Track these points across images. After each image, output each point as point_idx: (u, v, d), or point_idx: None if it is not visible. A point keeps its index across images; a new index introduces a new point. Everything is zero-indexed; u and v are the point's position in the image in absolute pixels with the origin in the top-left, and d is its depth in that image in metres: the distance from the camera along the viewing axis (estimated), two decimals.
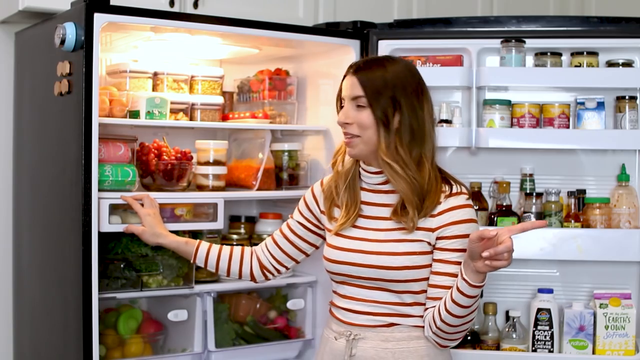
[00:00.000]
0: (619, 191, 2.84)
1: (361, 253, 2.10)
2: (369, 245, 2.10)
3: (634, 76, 2.81)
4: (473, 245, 1.90)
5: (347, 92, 2.10)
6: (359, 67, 2.10)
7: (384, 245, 2.09)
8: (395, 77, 2.07)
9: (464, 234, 2.05)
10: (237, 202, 3.16)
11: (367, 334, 2.10)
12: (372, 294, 2.10)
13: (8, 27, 2.96)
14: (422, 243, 2.07)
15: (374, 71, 2.08)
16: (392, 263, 2.05)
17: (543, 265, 2.95)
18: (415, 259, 2.06)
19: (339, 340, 2.14)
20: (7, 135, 2.98)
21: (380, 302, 2.09)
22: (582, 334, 2.78)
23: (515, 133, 2.85)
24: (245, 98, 3.14)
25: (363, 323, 2.11)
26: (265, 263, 2.36)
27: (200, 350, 2.73)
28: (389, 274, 2.06)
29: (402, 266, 2.05)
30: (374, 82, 2.06)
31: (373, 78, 2.07)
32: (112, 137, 2.62)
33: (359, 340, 2.10)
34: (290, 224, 2.34)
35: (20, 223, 2.91)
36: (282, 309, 3.01)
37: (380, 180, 2.13)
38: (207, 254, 2.38)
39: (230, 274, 2.39)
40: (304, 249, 2.34)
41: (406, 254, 2.06)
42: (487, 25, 2.93)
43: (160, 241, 2.45)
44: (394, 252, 2.06)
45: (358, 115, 2.08)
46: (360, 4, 3.43)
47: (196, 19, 2.64)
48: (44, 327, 2.67)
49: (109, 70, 2.87)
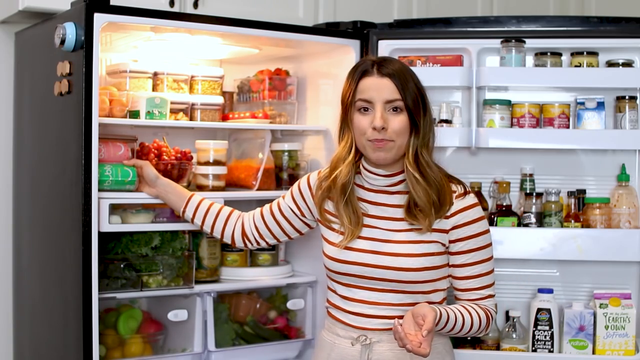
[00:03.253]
0: (619, 191, 2.84)
1: (374, 254, 2.07)
2: (382, 246, 2.07)
3: (634, 76, 2.81)
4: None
5: (379, 95, 2.02)
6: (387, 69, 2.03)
7: (399, 246, 2.06)
8: (418, 81, 2.06)
9: (476, 234, 2.07)
10: (237, 202, 3.14)
11: (382, 337, 2.08)
12: (384, 296, 2.08)
13: (8, 27, 2.96)
14: (437, 244, 2.07)
15: (405, 75, 2.04)
16: (411, 265, 2.04)
17: (543, 265, 2.95)
18: (433, 259, 2.06)
19: (354, 346, 2.11)
20: (7, 135, 2.98)
21: (393, 304, 2.07)
22: (582, 334, 2.77)
23: (515, 133, 2.85)
24: (245, 98, 3.13)
25: (378, 327, 2.08)
26: (247, 231, 2.38)
27: (200, 350, 2.73)
28: (407, 276, 2.04)
29: (421, 267, 2.04)
30: (410, 87, 2.02)
31: (408, 83, 2.02)
32: (112, 137, 2.62)
33: (375, 344, 2.09)
34: (281, 204, 2.33)
35: (20, 223, 2.91)
36: (282, 309, 3.01)
37: (390, 183, 2.11)
38: (197, 205, 2.40)
39: (214, 232, 2.41)
40: (288, 232, 2.34)
41: (424, 255, 2.05)
42: (487, 25, 2.92)
43: (159, 181, 2.47)
44: (411, 253, 2.05)
45: (394, 120, 2.02)
46: (360, 4, 3.43)
47: (196, 19, 2.63)
48: (44, 327, 2.67)
49: (109, 70, 2.86)
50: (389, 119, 2.02)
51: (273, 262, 2.99)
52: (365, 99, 2.04)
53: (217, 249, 2.87)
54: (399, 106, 2.02)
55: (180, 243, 2.72)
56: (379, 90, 2.02)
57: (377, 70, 2.04)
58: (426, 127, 2.06)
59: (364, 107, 2.05)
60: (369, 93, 2.04)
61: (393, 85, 2.02)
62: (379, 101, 2.02)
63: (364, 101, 2.05)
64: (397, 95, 2.01)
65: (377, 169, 2.11)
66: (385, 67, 2.04)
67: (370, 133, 2.04)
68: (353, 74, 2.09)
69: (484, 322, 2.07)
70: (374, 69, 2.05)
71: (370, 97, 2.03)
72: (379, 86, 2.02)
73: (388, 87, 2.02)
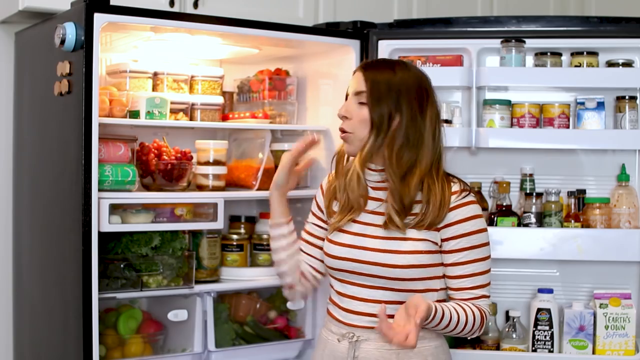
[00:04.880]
0: (619, 191, 2.84)
1: (363, 250, 2.08)
2: (371, 242, 2.08)
3: (634, 76, 2.81)
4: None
5: (352, 87, 2.10)
6: (369, 65, 2.11)
7: (387, 242, 2.06)
8: (401, 82, 2.06)
9: (469, 232, 2.05)
10: (237, 202, 3.15)
11: (370, 335, 2.08)
12: (374, 293, 2.08)
13: (8, 27, 2.96)
14: (427, 242, 2.06)
15: (382, 72, 2.07)
16: (397, 261, 2.04)
17: (543, 265, 2.95)
18: (420, 257, 2.04)
19: (341, 343, 2.12)
20: (7, 135, 2.98)
21: (384, 302, 2.06)
22: (582, 334, 2.77)
23: (515, 133, 2.85)
24: (245, 98, 3.14)
25: (365, 325, 2.08)
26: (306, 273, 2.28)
27: (200, 350, 2.73)
28: (394, 272, 2.04)
29: (408, 264, 2.03)
30: (379, 83, 2.05)
31: (379, 79, 2.06)
32: (112, 137, 2.62)
33: (362, 342, 2.09)
34: (308, 228, 2.28)
35: (20, 223, 2.91)
36: (282, 309, 3.01)
37: (378, 179, 2.12)
38: (293, 230, 2.27)
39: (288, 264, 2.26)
40: None
41: (411, 253, 2.04)
42: (487, 25, 2.93)
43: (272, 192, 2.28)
44: (398, 250, 2.04)
45: (357, 111, 2.07)
46: (360, 4, 3.43)
47: (196, 19, 2.64)
48: (44, 327, 2.67)
49: (109, 70, 2.87)
50: (354, 109, 2.08)
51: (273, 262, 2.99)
52: (347, 93, 2.13)
53: (217, 249, 2.87)
54: (363, 99, 2.07)
55: (180, 243, 2.72)
56: (353, 83, 2.11)
57: (364, 66, 2.11)
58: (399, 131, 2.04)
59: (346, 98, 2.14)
60: (349, 86, 2.12)
61: (363, 79, 2.07)
62: (351, 93, 2.11)
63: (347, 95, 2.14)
64: (363, 88, 2.06)
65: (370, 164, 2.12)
66: (370, 65, 2.12)
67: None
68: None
69: (478, 321, 2.06)
70: (363, 65, 2.12)
71: (348, 90, 2.12)
72: (355, 80, 2.10)
73: (360, 80, 2.08)
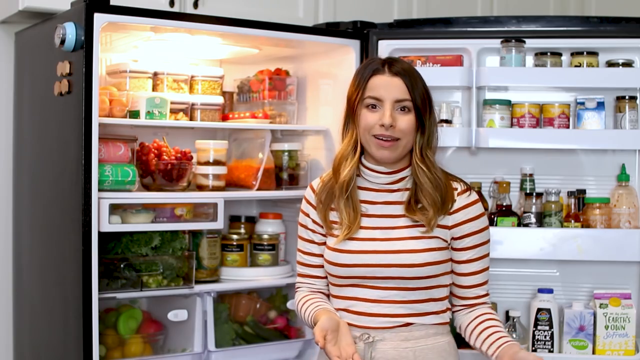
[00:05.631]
0: (619, 191, 2.84)
1: (377, 253, 2.07)
2: (384, 244, 2.08)
3: (634, 76, 2.81)
4: None
5: (389, 94, 2.05)
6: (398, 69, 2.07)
7: (401, 243, 2.07)
8: (424, 82, 2.10)
9: (480, 229, 2.10)
10: (237, 202, 3.16)
11: (385, 335, 2.08)
12: (387, 294, 2.08)
13: (8, 27, 2.96)
14: (438, 239, 2.08)
15: (415, 76, 2.08)
16: (414, 260, 2.05)
17: (543, 265, 2.95)
18: (435, 255, 2.07)
19: (357, 344, 2.08)
20: (7, 135, 2.98)
21: (397, 301, 2.07)
22: (582, 334, 2.77)
23: (515, 133, 2.85)
24: (245, 98, 3.14)
25: (380, 325, 2.08)
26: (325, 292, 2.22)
27: (200, 350, 2.73)
28: (412, 272, 2.05)
29: (425, 262, 2.05)
30: (419, 88, 2.06)
31: (417, 83, 2.07)
32: (112, 137, 2.62)
33: (378, 342, 2.08)
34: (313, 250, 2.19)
35: (20, 223, 2.91)
36: (282, 309, 3.01)
37: (391, 180, 2.12)
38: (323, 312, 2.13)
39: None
40: None
41: (427, 251, 2.06)
42: (487, 25, 2.92)
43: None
44: (414, 249, 2.06)
45: (402, 119, 2.05)
46: (360, 4, 3.43)
47: (196, 19, 2.64)
48: (44, 327, 2.67)
49: (109, 70, 2.87)
50: (397, 117, 2.06)
51: (273, 262, 2.99)
52: (375, 97, 2.07)
53: (217, 249, 2.87)
54: (407, 106, 2.06)
55: (180, 243, 2.72)
56: (389, 89, 2.06)
57: (389, 69, 2.08)
58: (431, 127, 2.11)
59: (373, 104, 2.07)
60: (379, 91, 2.06)
61: (403, 85, 2.05)
62: (389, 100, 2.05)
63: (373, 98, 2.07)
64: (407, 95, 2.05)
65: (378, 166, 2.12)
66: (396, 67, 2.08)
67: (377, 129, 2.06)
68: (363, 71, 2.11)
69: None
70: (385, 67, 2.08)
71: (380, 95, 2.06)
72: (389, 85, 2.06)
73: (398, 86, 2.05)
